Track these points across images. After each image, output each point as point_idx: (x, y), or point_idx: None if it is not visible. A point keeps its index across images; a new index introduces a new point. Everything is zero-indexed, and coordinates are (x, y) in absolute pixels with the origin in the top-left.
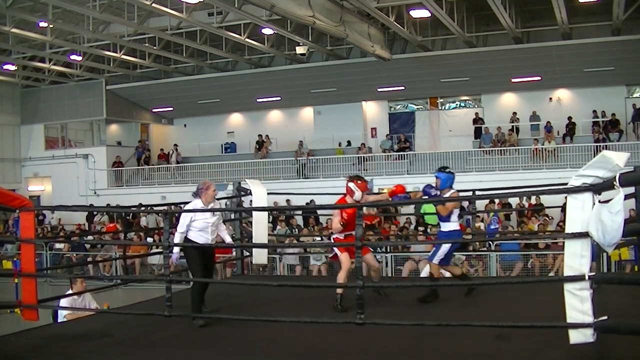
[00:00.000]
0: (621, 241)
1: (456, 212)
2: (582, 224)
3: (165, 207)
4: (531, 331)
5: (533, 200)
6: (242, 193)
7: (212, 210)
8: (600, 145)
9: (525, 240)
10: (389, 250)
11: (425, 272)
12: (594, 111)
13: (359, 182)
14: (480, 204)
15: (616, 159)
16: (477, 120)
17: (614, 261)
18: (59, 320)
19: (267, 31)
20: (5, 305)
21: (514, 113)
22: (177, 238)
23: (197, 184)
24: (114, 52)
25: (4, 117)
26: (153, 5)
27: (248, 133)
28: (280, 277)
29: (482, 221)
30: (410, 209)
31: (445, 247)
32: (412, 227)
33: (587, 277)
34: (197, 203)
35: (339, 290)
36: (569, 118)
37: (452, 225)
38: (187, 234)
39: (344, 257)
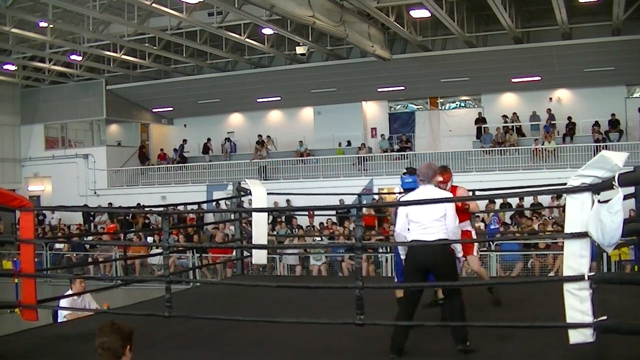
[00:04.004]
0: (621, 241)
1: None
2: (581, 224)
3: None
4: (531, 331)
5: (531, 199)
6: (242, 193)
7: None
8: (600, 145)
9: (525, 240)
10: (389, 251)
11: None
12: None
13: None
14: (481, 204)
15: (615, 159)
16: (480, 120)
17: (614, 261)
18: (59, 320)
19: (267, 31)
20: (5, 305)
21: (514, 113)
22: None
23: (195, 183)
24: (114, 52)
25: (4, 117)
26: (153, 5)
27: (248, 133)
28: (280, 277)
29: (482, 221)
30: None
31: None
32: None
33: (586, 277)
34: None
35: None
36: (569, 118)
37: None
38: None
39: (474, 260)
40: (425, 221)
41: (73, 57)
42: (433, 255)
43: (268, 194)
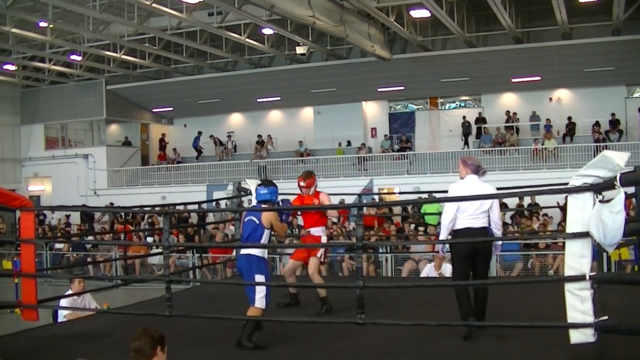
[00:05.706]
0: (621, 241)
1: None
2: (582, 223)
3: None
4: (531, 331)
5: (528, 199)
6: (242, 193)
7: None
8: (600, 145)
9: (525, 240)
10: (389, 250)
11: (425, 272)
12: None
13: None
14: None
15: (617, 159)
16: (479, 120)
17: (614, 261)
18: (59, 320)
19: (267, 31)
20: (5, 305)
21: (514, 113)
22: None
23: (195, 183)
24: (114, 52)
25: (4, 117)
26: (153, 5)
27: (248, 133)
28: (281, 277)
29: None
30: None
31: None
32: (412, 227)
33: (587, 277)
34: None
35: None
36: (569, 118)
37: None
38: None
39: (313, 262)
40: (475, 211)
41: (73, 57)
42: (480, 241)
43: None
